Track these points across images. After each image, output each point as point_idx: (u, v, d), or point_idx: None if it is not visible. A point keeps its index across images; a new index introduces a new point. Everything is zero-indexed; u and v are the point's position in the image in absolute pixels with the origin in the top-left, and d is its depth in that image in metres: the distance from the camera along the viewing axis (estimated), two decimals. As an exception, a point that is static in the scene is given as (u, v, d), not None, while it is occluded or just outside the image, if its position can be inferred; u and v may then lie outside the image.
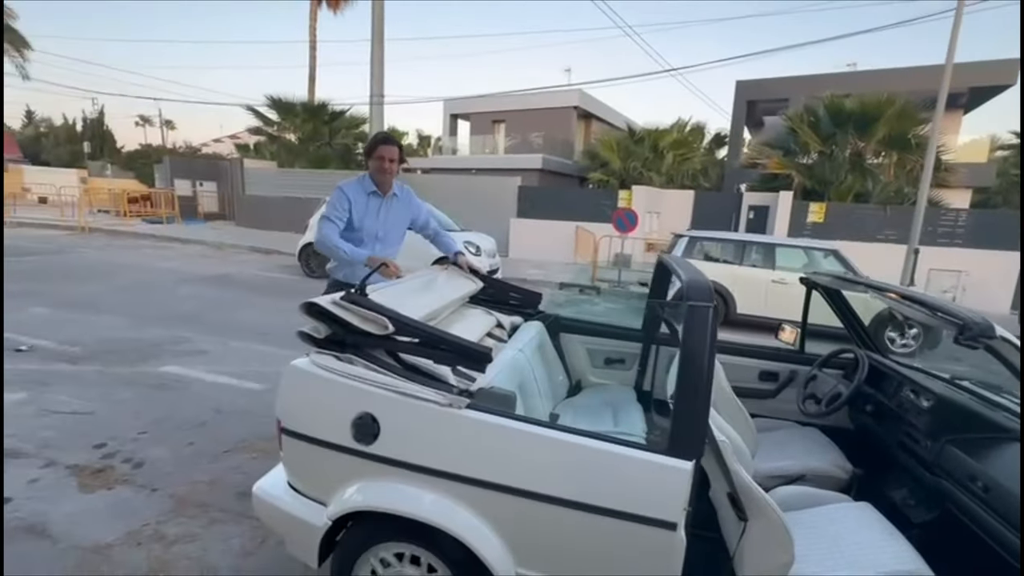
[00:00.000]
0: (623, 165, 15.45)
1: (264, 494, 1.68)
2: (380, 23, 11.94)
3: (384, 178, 2.51)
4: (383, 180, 2.52)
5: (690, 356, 1.34)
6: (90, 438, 2.94)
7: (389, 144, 2.49)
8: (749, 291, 6.87)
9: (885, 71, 15.82)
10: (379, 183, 2.53)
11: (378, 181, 2.52)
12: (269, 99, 16.98)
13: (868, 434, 2.32)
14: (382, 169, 2.48)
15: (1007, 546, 1.43)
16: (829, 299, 2.59)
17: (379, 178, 2.51)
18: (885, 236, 10.84)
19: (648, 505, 1.32)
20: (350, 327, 1.50)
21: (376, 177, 2.51)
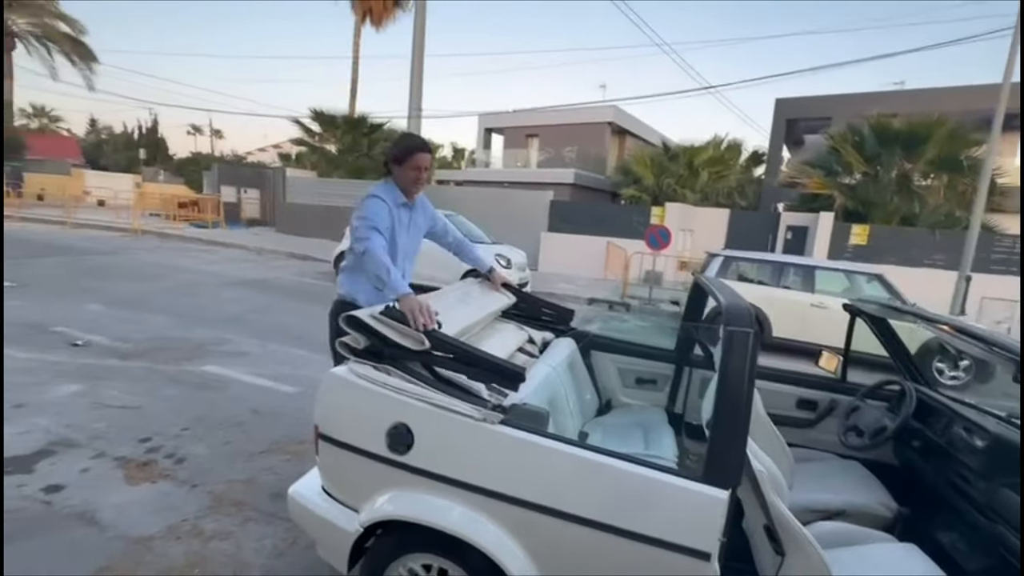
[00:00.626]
0: (656, 181, 15.30)
1: (300, 497, 1.73)
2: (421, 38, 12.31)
3: (417, 189, 2.27)
4: (414, 191, 2.27)
5: (728, 382, 1.32)
6: (136, 432, 3.08)
7: (427, 152, 2.24)
8: (786, 314, 6.67)
9: (935, 90, 15.22)
10: (409, 193, 2.27)
11: (408, 191, 2.26)
12: (312, 111, 17.70)
13: (914, 471, 2.20)
14: (417, 179, 2.23)
15: None
16: (874, 327, 2.49)
17: (411, 188, 2.25)
18: (934, 261, 10.35)
19: (681, 533, 1.30)
20: (388, 341, 1.54)
21: (407, 187, 2.25)
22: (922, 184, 11.79)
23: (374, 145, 18.18)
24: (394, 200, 2.21)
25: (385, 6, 20.00)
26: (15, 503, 2.33)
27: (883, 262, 9.94)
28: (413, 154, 2.19)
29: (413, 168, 2.20)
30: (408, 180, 2.22)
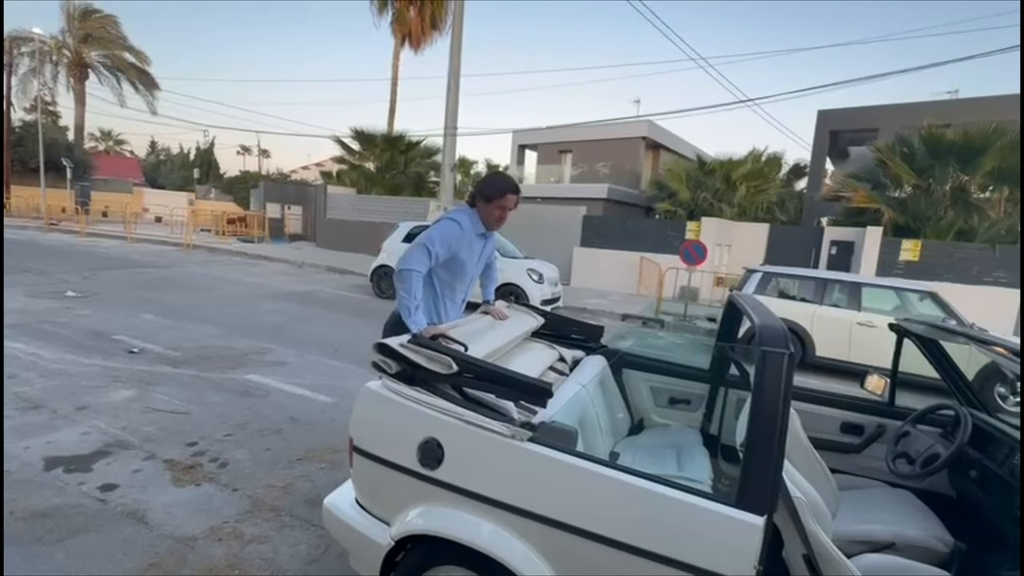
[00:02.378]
0: (692, 196, 15.06)
1: (334, 508, 1.77)
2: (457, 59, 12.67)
3: (499, 226, 2.39)
4: (496, 227, 2.40)
5: (763, 404, 1.28)
6: (184, 436, 3.24)
7: (516, 193, 2.33)
8: (830, 333, 6.39)
9: (992, 98, 14.47)
10: (490, 227, 2.38)
11: (489, 225, 2.37)
12: (353, 131, 18.44)
13: (972, 504, 2.06)
14: (501, 218, 2.34)
15: None
16: (923, 349, 2.37)
17: (494, 225, 2.37)
18: (995, 279, 9.71)
19: (714, 559, 1.26)
20: (417, 366, 1.58)
21: (490, 222, 2.35)
22: (980, 197, 11.15)
23: (410, 163, 18.72)
24: (473, 229, 2.30)
25: (423, 29, 20.73)
26: (76, 499, 2.49)
27: (937, 279, 9.42)
28: (504, 195, 2.27)
29: (500, 207, 2.29)
30: (492, 217, 2.32)
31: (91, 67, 25.42)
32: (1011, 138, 10.38)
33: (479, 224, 2.32)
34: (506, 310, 2.53)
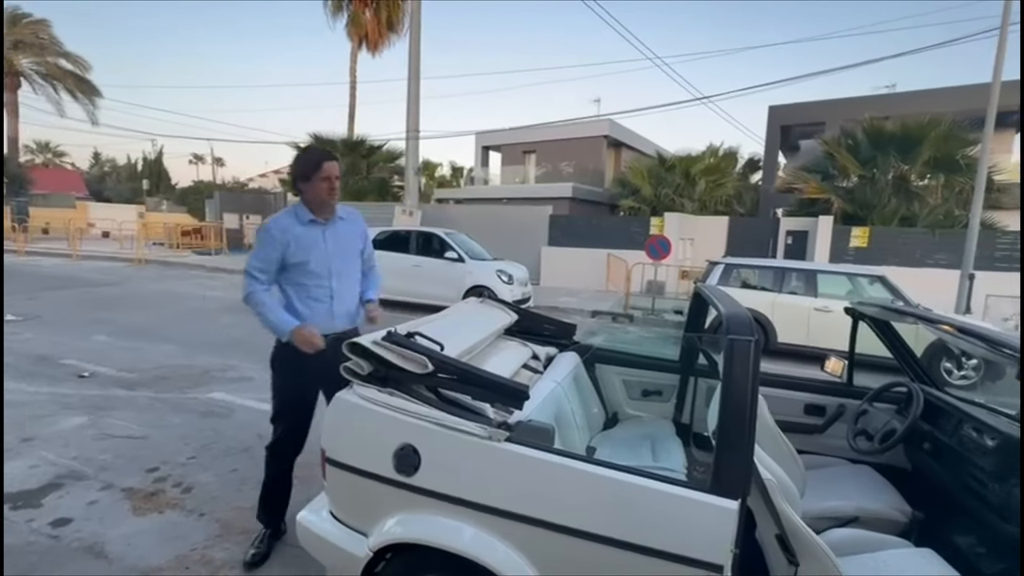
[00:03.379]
0: (654, 192, 15.41)
1: (308, 523, 1.72)
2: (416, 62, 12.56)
3: (330, 201, 2.15)
4: (327, 204, 2.15)
5: (732, 391, 1.32)
6: (143, 462, 3.08)
7: (333, 160, 2.12)
8: (790, 320, 6.65)
9: (927, 91, 15.39)
10: (319, 208, 2.15)
11: (319, 206, 2.14)
12: (312, 136, 17.97)
13: (927, 474, 2.18)
14: (330, 191, 2.11)
15: None
16: (877, 330, 2.49)
17: (325, 201, 2.13)
18: (936, 261, 10.33)
19: (692, 545, 1.29)
20: (391, 365, 1.55)
21: (319, 201, 2.13)
22: (919, 185, 11.85)
23: (372, 167, 18.42)
24: (297, 221, 2.13)
25: (380, 31, 20.43)
26: (25, 538, 2.32)
27: (885, 263, 9.93)
28: (321, 166, 2.09)
29: (322, 180, 2.09)
30: (321, 193, 2.11)
31: (23, 75, 23.90)
32: (944, 129, 11.08)
33: (304, 212, 2.13)
34: (479, 305, 2.52)
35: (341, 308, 2.22)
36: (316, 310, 2.16)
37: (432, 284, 8.54)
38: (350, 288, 2.27)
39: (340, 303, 2.22)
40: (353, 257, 2.31)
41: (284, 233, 2.09)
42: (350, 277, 2.28)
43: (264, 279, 2.10)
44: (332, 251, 2.18)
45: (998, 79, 8.44)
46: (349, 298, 2.26)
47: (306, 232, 2.13)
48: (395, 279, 8.89)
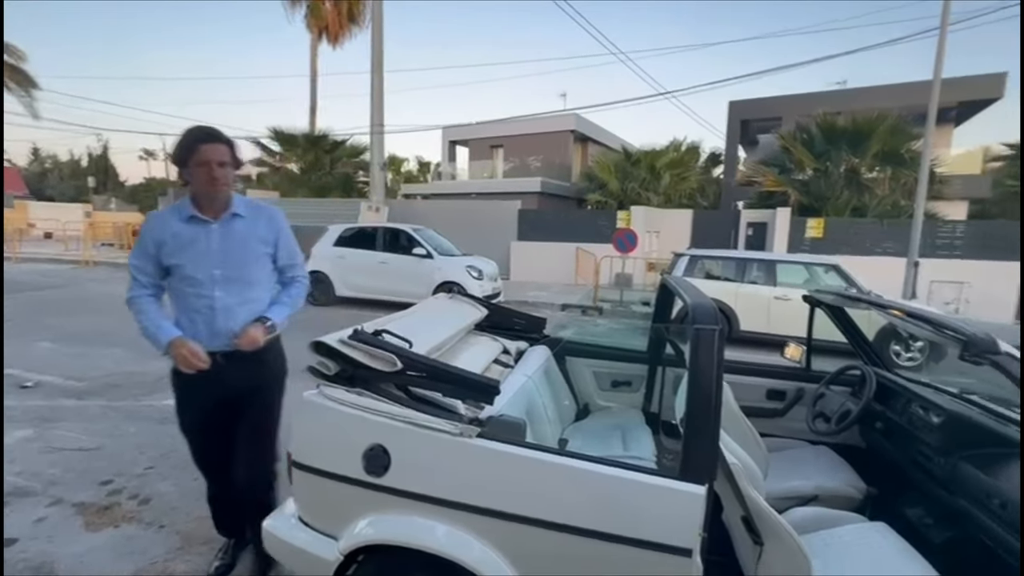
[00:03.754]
0: (621, 186, 15.63)
1: (275, 529, 1.67)
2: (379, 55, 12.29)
3: (214, 192, 1.76)
4: (213, 195, 1.78)
5: (698, 379, 1.35)
6: (96, 475, 2.92)
7: (212, 142, 1.73)
8: (751, 308, 6.89)
9: (875, 88, 16.12)
10: (204, 201, 1.80)
11: (203, 199, 1.80)
12: (272, 131, 17.38)
13: (880, 452, 2.30)
14: (210, 179, 1.73)
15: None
16: (832, 316, 2.60)
17: (208, 191, 1.77)
18: (884, 249, 10.88)
19: (662, 531, 1.31)
20: (359, 364, 1.51)
21: (204, 192, 1.78)
22: (869, 177, 12.44)
23: (336, 163, 17.98)
24: (178, 216, 1.81)
25: (340, 23, 19.88)
26: (-38, 562, 2.16)
27: (838, 253, 10.39)
28: (194, 149, 1.71)
29: (199, 166, 1.72)
30: (201, 183, 1.74)
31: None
32: (890, 124, 11.66)
33: (187, 206, 1.80)
34: (448, 301, 2.49)
35: (226, 324, 1.82)
36: (194, 324, 1.82)
37: (400, 281, 8.42)
38: (244, 301, 1.86)
39: (225, 318, 1.82)
40: (251, 263, 1.88)
41: (158, 229, 1.79)
42: (245, 287, 1.86)
43: (146, 281, 1.83)
44: (218, 254, 1.81)
45: (938, 76, 8.92)
46: (242, 313, 1.85)
47: (185, 230, 1.80)
48: (361, 277, 8.73)
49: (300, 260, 2.08)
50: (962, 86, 14.22)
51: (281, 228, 1.98)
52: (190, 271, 1.80)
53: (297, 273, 2.07)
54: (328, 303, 8.86)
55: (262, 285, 1.93)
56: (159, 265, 1.82)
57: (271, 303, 1.96)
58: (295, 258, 2.05)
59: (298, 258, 2.07)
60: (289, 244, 2.01)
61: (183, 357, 1.74)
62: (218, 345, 1.81)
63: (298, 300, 2.06)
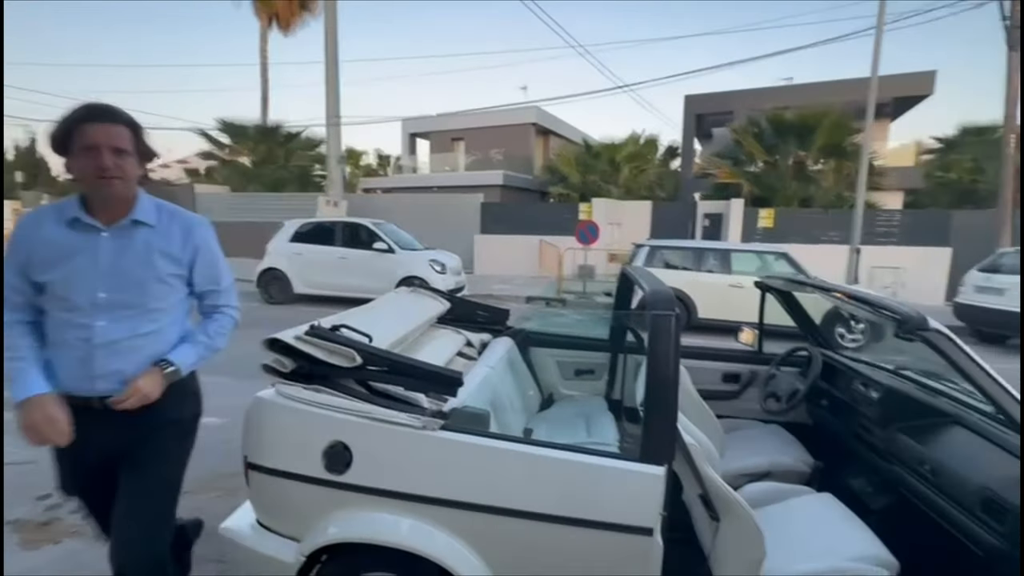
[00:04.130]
0: (582, 179, 15.83)
1: (232, 534, 1.61)
2: (333, 44, 11.92)
3: (105, 189, 1.32)
4: (104, 193, 1.34)
5: (656, 363, 1.38)
6: (32, 490, 2.72)
7: (104, 121, 1.30)
8: (708, 296, 7.13)
9: (820, 84, 16.92)
10: (96, 202, 1.36)
11: (93, 198, 1.36)
12: (220, 122, 16.59)
13: (826, 427, 2.43)
14: (98, 171, 1.28)
15: (956, 523, 1.53)
16: (782, 301, 2.72)
17: (96, 188, 1.33)
18: (829, 238, 11.50)
19: (624, 513, 1.34)
20: (316, 360, 1.47)
21: (92, 189, 1.34)
22: (815, 169, 13.09)
23: (291, 155, 17.36)
24: (57, 218, 1.37)
25: (291, 10, 19.13)
26: None
27: (788, 241, 10.87)
28: (78, 130, 1.28)
29: (85, 151, 1.28)
30: (87, 175, 1.31)
31: None
32: (833, 118, 12.29)
33: (72, 207, 1.37)
34: (410, 295, 2.45)
35: (109, 365, 1.37)
36: (63, 362, 1.38)
37: (361, 276, 8.24)
38: (137, 336, 1.41)
39: (108, 356, 1.37)
40: (152, 286, 1.42)
41: (29, 234, 1.37)
42: (140, 318, 1.41)
43: (21, 302, 1.38)
44: (106, 271, 1.36)
45: (875, 72, 9.46)
46: (132, 351, 1.40)
47: (64, 236, 1.36)
48: (320, 273, 8.49)
49: (227, 286, 1.63)
50: (897, 83, 15.11)
51: (202, 243, 1.53)
52: (64, 291, 1.34)
53: (220, 302, 1.61)
54: (286, 301, 8.58)
55: (167, 316, 1.48)
56: (30, 282, 1.36)
57: (182, 340, 1.53)
58: (219, 282, 1.60)
59: (224, 282, 1.61)
60: (211, 265, 1.57)
61: (33, 425, 1.32)
62: (103, 389, 1.38)
63: (218, 339, 1.61)
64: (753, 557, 1.47)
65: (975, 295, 6.99)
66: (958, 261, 10.04)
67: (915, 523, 1.72)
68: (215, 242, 1.61)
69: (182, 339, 1.54)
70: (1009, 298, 6.45)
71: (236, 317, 1.70)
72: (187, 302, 1.59)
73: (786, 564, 1.54)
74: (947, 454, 1.67)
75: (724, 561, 1.52)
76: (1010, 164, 10.08)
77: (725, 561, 1.52)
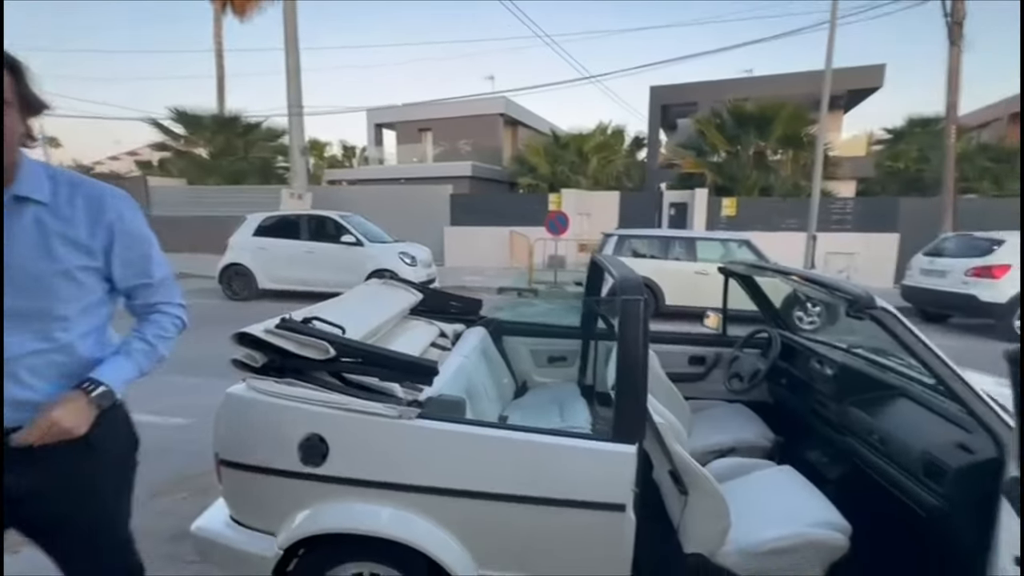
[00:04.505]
0: (551, 170, 15.89)
1: (205, 532, 1.58)
2: (293, 30, 11.52)
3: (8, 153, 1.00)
4: None
5: (626, 346, 1.43)
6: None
7: None
8: (676, 283, 7.32)
9: (778, 76, 17.46)
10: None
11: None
12: (174, 112, 15.81)
13: (786, 404, 2.56)
14: None
15: (902, 487, 1.65)
16: (744, 285, 2.84)
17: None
18: (788, 225, 11.95)
19: (598, 491, 1.40)
20: (288, 354, 1.45)
21: None
22: (774, 159, 13.55)
23: (251, 147, 16.75)
24: None
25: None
26: None
27: (750, 229, 11.25)
28: None
29: None
30: None
31: None
32: (790, 110, 12.73)
33: None
34: (382, 287, 2.43)
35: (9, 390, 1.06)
36: None
37: (329, 270, 8.08)
38: (42, 350, 1.08)
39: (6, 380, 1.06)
40: (54, 283, 1.08)
41: None
42: (45, 326, 1.08)
43: None
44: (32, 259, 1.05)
45: (829, 66, 9.83)
46: (36, 370, 1.08)
47: None
48: (286, 268, 8.28)
49: (163, 278, 1.26)
50: (849, 76, 15.75)
51: (118, 222, 1.14)
52: None
53: (156, 299, 1.25)
54: (250, 297, 8.34)
55: (81, 323, 1.13)
56: None
57: (115, 353, 1.19)
58: (150, 273, 1.23)
59: (157, 273, 1.24)
60: (136, 250, 1.19)
61: None
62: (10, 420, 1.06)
63: (161, 345, 1.25)
64: (719, 527, 1.55)
65: (920, 277, 7.42)
66: (905, 246, 10.63)
67: (866, 489, 1.84)
68: (140, 220, 1.21)
69: (114, 353, 1.18)
70: (951, 280, 6.88)
71: (182, 317, 1.31)
72: (110, 304, 1.22)
73: (750, 532, 1.63)
74: (894, 424, 1.79)
75: (692, 533, 1.60)
76: (951, 153, 10.69)
77: (694, 532, 1.59)
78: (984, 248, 6.76)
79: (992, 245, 6.71)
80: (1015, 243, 6.55)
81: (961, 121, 11.90)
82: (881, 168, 17.62)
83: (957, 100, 10.49)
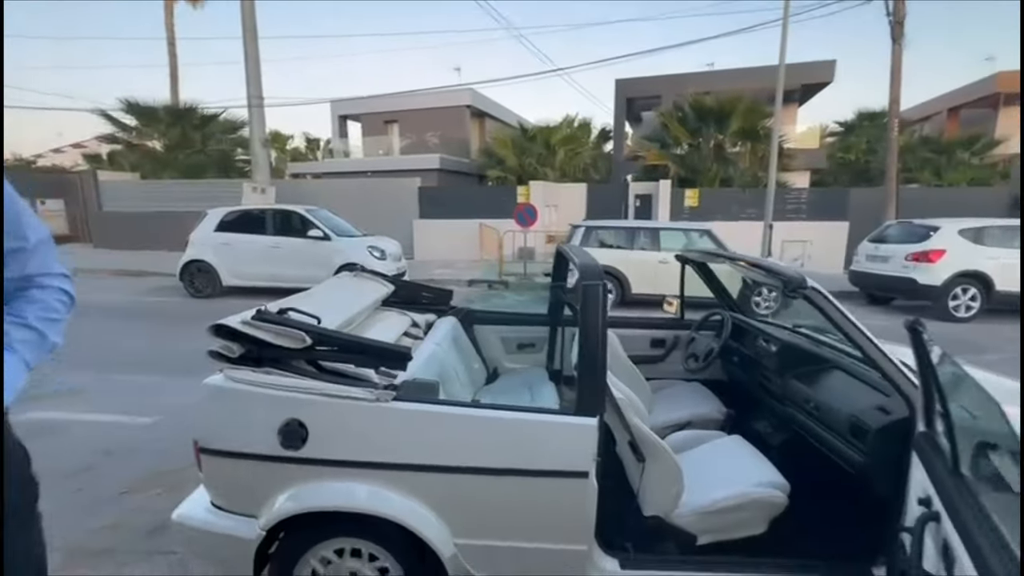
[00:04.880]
0: (519, 162, 15.96)
1: (186, 519, 1.63)
2: (251, 19, 11.15)
3: None
4: None
5: (587, 327, 1.56)
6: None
7: None
8: (641, 273, 7.56)
9: (737, 70, 18.00)
10: None
11: None
12: (125, 103, 15.06)
13: (737, 380, 2.77)
14: None
15: (833, 448, 1.85)
16: (699, 271, 3.02)
17: None
18: (747, 215, 12.45)
19: (564, 460, 1.52)
20: (265, 344, 1.51)
21: None
22: (732, 152, 14.02)
23: (209, 139, 16.15)
24: None
25: (200, -21, 17.58)
26: None
27: (712, 219, 11.68)
28: None
29: None
30: None
31: None
32: (747, 104, 13.20)
33: None
34: (353, 279, 2.49)
35: None
36: None
37: (296, 266, 7.96)
38: None
39: None
40: None
41: None
42: None
43: None
44: None
45: (783, 61, 10.25)
46: None
47: None
48: (252, 264, 8.11)
49: (40, 242, 1.02)
50: (802, 71, 16.41)
51: None
52: None
53: (34, 270, 1.01)
54: (214, 294, 8.13)
55: None
56: None
57: None
58: (25, 236, 0.99)
59: (33, 236, 1.01)
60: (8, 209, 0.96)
61: None
62: None
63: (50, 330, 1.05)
64: (674, 491, 1.71)
65: (866, 263, 7.91)
66: (854, 233, 11.24)
67: (804, 452, 2.04)
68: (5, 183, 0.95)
69: None
70: (893, 264, 7.36)
71: (68, 290, 1.06)
72: None
73: (701, 495, 1.80)
74: (827, 393, 1.99)
75: (650, 498, 1.75)
76: (894, 146, 11.34)
77: (652, 496, 1.75)
78: (922, 234, 7.26)
79: (929, 231, 7.21)
80: (951, 229, 7.07)
81: (904, 115, 12.62)
82: (833, 160, 18.47)
83: (899, 95, 11.11)
